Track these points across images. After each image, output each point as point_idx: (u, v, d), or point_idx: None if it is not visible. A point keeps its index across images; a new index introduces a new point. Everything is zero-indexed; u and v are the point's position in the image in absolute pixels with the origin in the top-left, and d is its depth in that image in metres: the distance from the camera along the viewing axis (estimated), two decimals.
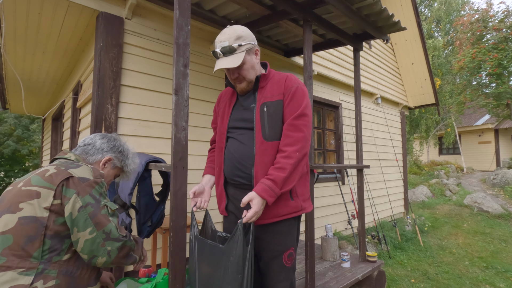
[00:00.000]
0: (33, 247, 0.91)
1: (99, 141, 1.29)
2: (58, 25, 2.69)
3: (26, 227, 0.91)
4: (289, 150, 1.28)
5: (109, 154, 1.29)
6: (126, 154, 1.37)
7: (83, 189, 0.99)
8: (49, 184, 0.96)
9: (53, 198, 0.95)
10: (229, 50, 1.30)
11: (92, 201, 1.00)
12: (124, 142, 1.40)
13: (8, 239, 0.89)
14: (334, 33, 2.82)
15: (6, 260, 0.88)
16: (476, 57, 10.74)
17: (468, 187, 9.61)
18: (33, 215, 0.92)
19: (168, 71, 2.73)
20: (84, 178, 1.02)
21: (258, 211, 1.21)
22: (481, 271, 3.92)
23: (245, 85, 1.41)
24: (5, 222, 0.91)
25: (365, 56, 5.55)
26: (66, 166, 1.04)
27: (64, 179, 0.98)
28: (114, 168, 1.33)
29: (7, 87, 4.77)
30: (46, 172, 0.99)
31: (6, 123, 11.54)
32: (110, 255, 1.01)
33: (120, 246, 1.05)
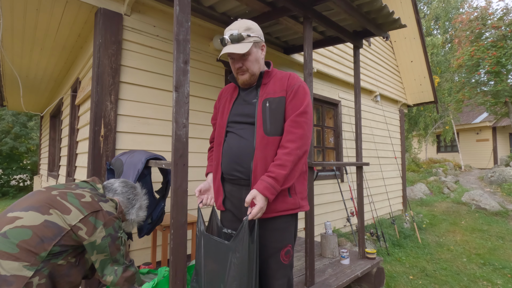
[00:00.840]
0: (43, 248, 1.04)
1: (117, 184, 1.46)
2: (56, 21, 2.67)
3: (46, 230, 1.05)
4: (290, 147, 1.28)
5: (118, 196, 1.42)
6: (133, 204, 1.47)
7: (108, 222, 1.22)
8: (82, 209, 1.16)
9: (79, 221, 1.13)
10: (237, 38, 1.33)
11: (112, 232, 1.23)
12: (139, 194, 1.52)
13: (27, 233, 1.02)
14: (334, 30, 2.81)
15: (19, 251, 0.99)
16: (474, 55, 10.75)
17: (466, 184, 9.66)
18: (57, 223, 1.09)
19: (167, 68, 2.72)
20: (110, 212, 1.25)
21: (262, 206, 1.21)
22: (478, 268, 3.95)
23: (247, 78, 1.41)
24: (31, 219, 1.05)
25: (364, 53, 5.55)
26: (98, 198, 1.25)
27: (95, 211, 1.19)
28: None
29: (5, 84, 4.74)
30: (83, 198, 1.20)
31: (3, 120, 11.48)
32: (116, 274, 1.26)
33: (124, 267, 1.30)
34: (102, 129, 2.28)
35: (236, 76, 1.46)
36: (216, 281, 1.27)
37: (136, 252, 2.48)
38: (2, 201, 10.19)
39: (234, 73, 1.46)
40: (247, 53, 1.37)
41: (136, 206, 1.48)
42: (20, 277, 0.97)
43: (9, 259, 0.97)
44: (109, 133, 2.31)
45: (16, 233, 1.01)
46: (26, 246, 1.00)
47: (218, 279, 1.25)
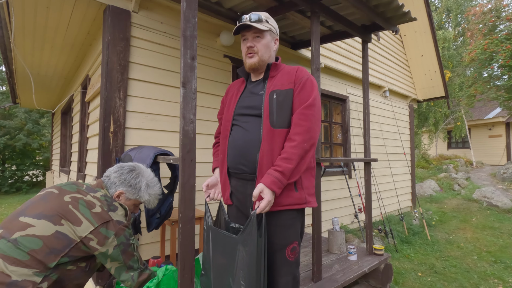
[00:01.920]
0: (50, 259, 1.06)
1: (113, 175, 1.39)
2: (65, 19, 2.71)
3: (56, 241, 1.08)
4: (298, 139, 1.27)
5: (120, 188, 1.37)
6: (139, 186, 1.41)
7: (119, 231, 1.22)
8: (93, 221, 1.16)
9: (89, 232, 1.14)
10: (257, 19, 1.39)
11: (124, 241, 1.24)
12: (141, 172, 1.44)
13: (38, 243, 1.05)
14: (342, 24, 2.78)
15: (29, 259, 1.02)
16: (488, 48, 10.45)
17: (478, 181, 9.47)
18: (68, 235, 1.11)
19: (174, 65, 2.73)
20: (120, 221, 1.25)
21: (270, 200, 1.21)
22: (489, 266, 3.89)
23: (256, 61, 1.42)
24: (43, 228, 1.07)
25: (373, 48, 5.46)
26: (108, 206, 1.24)
27: (105, 222, 1.19)
28: (129, 200, 1.41)
29: (17, 82, 4.84)
30: (93, 208, 1.19)
31: (16, 117, 11.75)
32: (133, 279, 1.29)
33: (140, 271, 1.32)
34: (111, 125, 2.31)
35: (244, 61, 1.47)
36: (224, 275, 1.28)
37: (146, 246, 2.53)
38: (15, 196, 10.48)
39: (244, 56, 1.47)
40: (261, 35, 1.41)
41: (142, 188, 1.42)
42: (29, 282, 1.01)
43: (20, 266, 1.01)
44: (118, 129, 2.34)
45: (27, 241, 1.03)
46: (35, 255, 1.04)
47: (227, 273, 1.26)
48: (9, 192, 11.19)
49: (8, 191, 11.20)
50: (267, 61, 1.45)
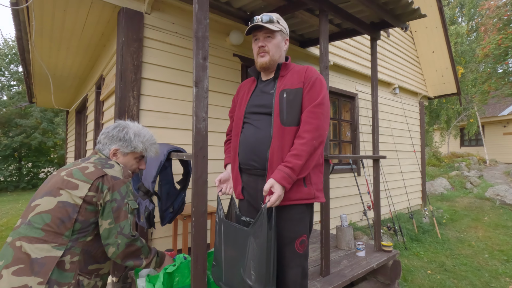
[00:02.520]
0: (65, 227, 1.08)
1: (102, 137, 1.37)
2: (81, 21, 2.81)
3: (62, 210, 1.09)
4: (307, 137, 1.32)
5: (112, 145, 1.35)
6: (129, 138, 1.36)
7: (114, 186, 1.18)
8: (87, 179, 1.15)
9: (88, 190, 1.13)
10: (269, 19, 1.44)
11: (118, 198, 1.18)
12: (126, 126, 1.40)
13: (47, 217, 1.08)
14: (350, 22, 2.79)
15: (45, 234, 1.06)
16: (502, 43, 10.19)
17: (491, 179, 9.28)
18: (69, 201, 1.11)
19: (186, 64, 2.80)
20: (116, 177, 1.20)
21: (280, 195, 1.27)
22: (501, 264, 3.84)
23: (267, 60, 1.47)
24: (47, 203, 1.10)
25: (382, 45, 5.42)
26: (102, 165, 1.21)
27: (100, 176, 1.17)
28: (126, 155, 1.38)
29: (34, 82, 5.02)
30: (86, 169, 1.18)
31: (32, 116, 12.12)
32: (118, 247, 1.17)
33: (128, 242, 1.20)
34: None
35: (256, 60, 1.52)
36: (235, 266, 1.33)
37: (159, 240, 2.62)
38: (32, 192, 10.83)
39: (255, 56, 1.52)
40: (273, 35, 1.46)
41: (132, 138, 1.37)
42: (50, 257, 1.02)
43: (38, 243, 1.03)
44: None
45: (38, 218, 1.07)
46: (49, 229, 1.05)
47: (238, 264, 1.32)
48: (26, 189, 11.58)
49: (25, 188, 11.60)
50: (277, 60, 1.50)
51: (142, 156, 1.44)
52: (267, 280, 1.24)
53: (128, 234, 1.20)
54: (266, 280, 1.23)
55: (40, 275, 0.99)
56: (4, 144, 11.32)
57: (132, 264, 1.25)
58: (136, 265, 1.27)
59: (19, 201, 8.89)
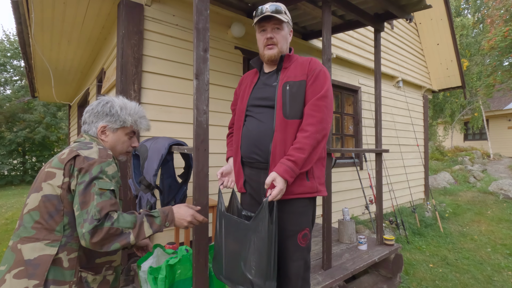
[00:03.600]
0: (55, 222, 1.00)
1: (86, 115, 1.21)
2: (81, 14, 2.78)
3: (48, 204, 1.01)
4: (310, 130, 1.30)
5: (99, 122, 1.19)
6: (115, 112, 1.20)
7: (85, 168, 1.01)
8: (60, 165, 1.03)
9: (63, 176, 1.01)
10: (278, 10, 1.40)
11: (86, 179, 1.00)
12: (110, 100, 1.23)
13: (36, 214, 1.01)
14: (354, 13, 2.74)
15: (35, 232, 0.99)
16: (509, 35, 10.01)
17: (494, 173, 9.23)
18: (51, 193, 1.01)
19: (186, 57, 2.78)
20: (89, 157, 1.04)
21: (282, 188, 1.25)
22: (504, 258, 3.83)
23: (275, 53, 1.44)
24: (33, 201, 1.03)
25: (386, 37, 5.34)
26: (78, 147, 1.08)
27: (71, 158, 1.03)
28: (115, 131, 1.21)
29: (36, 76, 5.02)
30: (62, 155, 1.06)
31: (36, 111, 12.17)
32: (85, 239, 0.95)
33: (92, 229, 0.95)
34: None
35: (262, 53, 1.48)
36: (236, 260, 1.33)
37: (161, 233, 2.63)
38: None
39: (261, 48, 1.47)
40: (281, 26, 1.43)
41: (119, 111, 1.21)
42: (44, 256, 0.96)
43: (29, 242, 0.98)
44: None
45: (28, 217, 1.01)
46: (39, 226, 0.99)
47: (238, 258, 1.32)
48: (30, 183, 11.70)
49: (30, 182, 11.72)
50: (285, 51, 1.47)
51: (134, 132, 1.29)
52: (268, 274, 1.23)
53: (91, 219, 0.95)
54: (266, 274, 1.23)
55: (35, 277, 0.94)
56: (8, 139, 11.41)
57: (118, 246, 1.00)
58: (125, 244, 1.01)
59: (24, 195, 8.98)
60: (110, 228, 0.98)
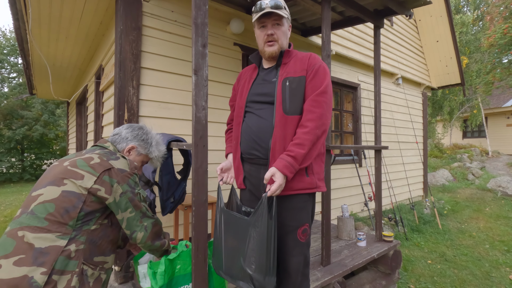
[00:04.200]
0: (70, 217, 1.06)
1: (125, 131, 1.41)
2: (79, 9, 2.76)
3: (67, 199, 1.07)
4: (310, 126, 1.30)
5: (132, 142, 1.39)
6: (150, 142, 1.45)
7: (122, 179, 1.18)
8: (93, 171, 1.14)
9: (93, 182, 1.12)
10: (278, 5, 1.38)
11: (129, 189, 1.19)
12: (149, 131, 1.48)
13: (51, 206, 1.05)
14: (354, 9, 2.72)
15: (48, 224, 1.03)
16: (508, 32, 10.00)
17: (493, 171, 9.26)
18: (74, 191, 1.09)
19: (185, 53, 2.76)
20: (122, 169, 1.20)
21: (281, 184, 1.24)
22: (501, 255, 3.85)
23: (276, 49, 1.43)
24: (50, 192, 1.08)
25: (385, 34, 5.32)
26: (107, 157, 1.21)
27: (107, 169, 1.16)
28: (139, 155, 1.43)
29: (34, 73, 4.98)
30: (91, 160, 1.17)
31: (34, 108, 12.12)
32: (146, 230, 1.23)
33: (153, 222, 1.26)
34: (125, 113, 2.38)
35: (263, 49, 1.47)
36: (236, 255, 1.33)
37: None
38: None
39: (261, 45, 1.46)
40: (281, 22, 1.42)
41: (153, 144, 1.46)
42: (54, 247, 1.00)
43: (41, 232, 1.01)
44: (132, 117, 2.41)
45: (41, 208, 1.05)
46: (53, 218, 1.04)
47: (238, 253, 1.32)
48: (29, 181, 11.68)
49: (29, 179, 11.70)
50: (284, 48, 1.46)
51: (146, 162, 1.49)
52: (267, 270, 1.23)
53: (152, 215, 1.27)
54: (266, 270, 1.23)
55: (44, 265, 0.97)
56: (7, 137, 11.37)
57: (158, 245, 1.30)
58: (162, 245, 1.33)
59: (23, 193, 8.97)
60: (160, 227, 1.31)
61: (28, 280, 0.93)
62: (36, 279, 0.94)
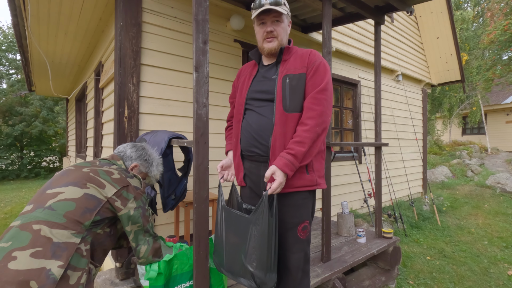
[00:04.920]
0: (87, 217, 1.15)
1: (129, 150, 1.55)
2: (78, 5, 2.74)
3: (87, 201, 1.17)
4: (310, 123, 1.30)
5: (136, 161, 1.54)
6: (151, 162, 1.60)
7: (137, 195, 1.33)
8: (115, 184, 1.28)
9: (113, 193, 1.25)
10: (277, 2, 1.38)
11: (142, 205, 1.34)
12: (151, 152, 1.64)
13: (71, 205, 1.13)
14: (354, 6, 2.71)
15: (66, 221, 1.09)
16: (508, 29, 9.97)
17: (492, 167, 9.28)
18: (96, 195, 1.20)
19: (186, 50, 2.75)
20: (137, 187, 1.36)
21: (282, 182, 1.25)
22: (500, 251, 3.88)
23: (275, 46, 1.42)
24: (72, 192, 1.16)
25: (386, 30, 5.30)
26: (125, 174, 1.36)
27: (125, 185, 1.31)
28: (140, 173, 1.56)
29: (33, 69, 4.96)
30: (112, 175, 1.31)
31: (32, 105, 12.08)
32: (149, 243, 1.36)
33: (155, 239, 1.41)
34: (126, 110, 2.38)
35: (262, 46, 1.46)
36: (237, 252, 1.34)
37: (161, 226, 2.64)
38: (35, 181, 10.93)
39: (261, 41, 1.46)
40: (281, 18, 1.41)
41: (154, 164, 1.61)
42: (70, 243, 1.06)
43: (59, 228, 1.06)
44: (133, 114, 2.41)
45: (62, 205, 1.10)
46: (72, 216, 1.10)
47: (239, 251, 1.33)
48: (28, 177, 11.68)
49: (28, 176, 11.69)
50: (284, 44, 1.45)
51: (143, 179, 1.60)
52: (268, 266, 1.24)
53: (154, 233, 1.41)
54: (267, 266, 1.24)
55: (61, 259, 1.02)
56: (5, 133, 11.34)
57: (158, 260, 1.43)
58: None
59: (22, 189, 8.97)
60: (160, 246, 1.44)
61: (46, 272, 0.96)
62: (53, 272, 0.98)
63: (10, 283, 0.91)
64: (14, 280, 0.91)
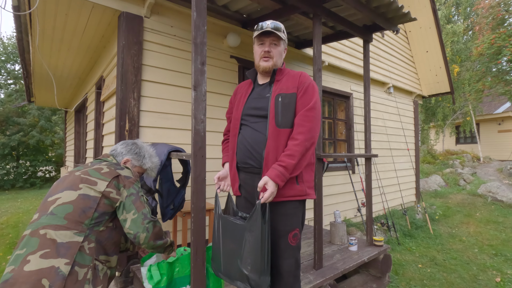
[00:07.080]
0: (86, 216, 1.23)
1: (120, 147, 1.62)
2: (82, 24, 2.88)
3: (83, 201, 1.24)
4: (300, 138, 1.43)
5: (127, 156, 1.59)
6: (143, 155, 1.64)
7: (128, 184, 1.37)
8: (105, 177, 1.33)
9: (106, 186, 1.31)
10: (277, 27, 1.55)
11: (133, 192, 1.37)
12: (142, 146, 1.68)
13: (69, 207, 1.22)
14: (343, 25, 2.89)
15: (67, 222, 1.19)
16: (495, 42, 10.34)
17: (484, 176, 9.46)
18: (90, 194, 1.27)
19: (184, 66, 2.89)
20: (128, 176, 1.41)
21: (273, 191, 1.38)
22: (489, 258, 3.98)
23: (270, 65, 1.58)
24: (68, 196, 1.25)
25: (377, 44, 5.52)
26: (115, 167, 1.41)
27: (115, 176, 1.36)
28: (134, 167, 1.61)
29: (34, 81, 5.08)
30: (101, 170, 1.37)
31: (29, 114, 12.11)
32: (148, 230, 1.34)
33: (153, 223, 1.39)
34: (127, 123, 2.49)
35: (258, 64, 1.61)
36: (233, 257, 1.44)
37: None
38: (30, 191, 10.88)
39: (257, 59, 1.61)
40: (278, 43, 1.58)
41: (146, 156, 1.66)
42: (74, 242, 1.16)
43: (62, 230, 1.16)
44: (133, 127, 2.52)
45: (61, 209, 1.21)
46: (72, 217, 1.19)
47: (235, 255, 1.43)
48: (24, 187, 11.61)
49: (23, 186, 11.62)
50: (277, 66, 1.61)
51: (142, 173, 1.66)
52: (262, 270, 1.35)
53: (151, 217, 1.39)
54: (261, 270, 1.34)
55: (66, 257, 1.12)
56: (1, 143, 11.33)
57: (161, 243, 1.42)
58: (164, 243, 1.44)
59: (18, 200, 8.94)
60: (160, 227, 1.42)
61: (55, 270, 1.07)
62: (61, 269, 1.08)
63: (25, 283, 1.02)
64: (28, 280, 1.03)
